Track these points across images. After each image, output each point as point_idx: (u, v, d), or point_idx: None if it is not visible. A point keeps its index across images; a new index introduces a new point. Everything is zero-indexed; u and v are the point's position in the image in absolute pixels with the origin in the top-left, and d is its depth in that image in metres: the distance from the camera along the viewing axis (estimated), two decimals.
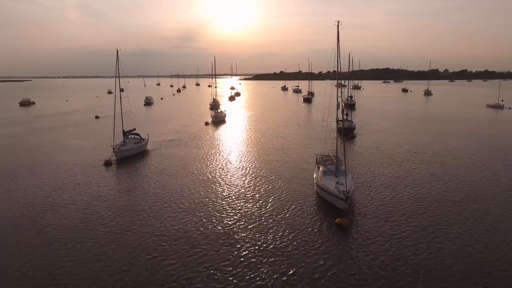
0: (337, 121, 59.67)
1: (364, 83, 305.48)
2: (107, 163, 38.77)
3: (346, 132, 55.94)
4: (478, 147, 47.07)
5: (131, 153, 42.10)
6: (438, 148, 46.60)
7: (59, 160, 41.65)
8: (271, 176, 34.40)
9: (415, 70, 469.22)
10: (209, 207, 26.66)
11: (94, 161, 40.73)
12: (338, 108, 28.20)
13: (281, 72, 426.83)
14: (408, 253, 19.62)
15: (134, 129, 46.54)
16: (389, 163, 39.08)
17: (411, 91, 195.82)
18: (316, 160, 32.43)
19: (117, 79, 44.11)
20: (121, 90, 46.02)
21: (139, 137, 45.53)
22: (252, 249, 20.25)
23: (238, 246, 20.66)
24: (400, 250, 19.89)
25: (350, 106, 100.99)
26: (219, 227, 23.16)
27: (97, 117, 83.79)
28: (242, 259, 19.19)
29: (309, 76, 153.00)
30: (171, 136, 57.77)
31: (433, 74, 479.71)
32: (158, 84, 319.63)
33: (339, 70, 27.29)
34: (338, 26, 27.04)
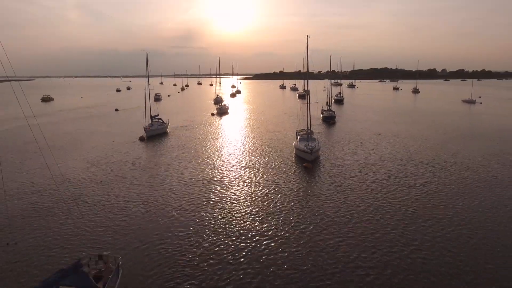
0: (322, 111, 72.06)
1: (361, 82, 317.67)
2: (141, 139, 51.27)
3: (328, 120, 68.22)
4: (433, 131, 59.23)
5: (157, 132, 54.58)
6: (399, 131, 58.70)
7: (98, 139, 53.61)
8: (264, 147, 46.63)
9: (413, 70, 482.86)
10: (216, 163, 38.80)
11: (130, 138, 52.98)
12: (308, 94, 40.30)
13: (281, 71, 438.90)
14: (349, 184, 31.69)
15: (158, 115, 58.75)
16: (355, 140, 51.22)
17: (401, 89, 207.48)
18: (296, 133, 44.75)
19: (147, 78, 56.28)
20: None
21: (162, 121, 57.83)
22: (249, 181, 32.33)
23: (239, 180, 32.76)
24: (345, 182, 31.98)
25: (338, 101, 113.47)
26: (224, 174, 35.27)
27: (117, 110, 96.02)
28: (241, 186, 31.27)
29: (304, 75, 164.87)
30: (184, 123, 69.92)
31: (430, 74, 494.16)
32: (161, 83, 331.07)
33: (308, 71, 39.48)
34: (307, 39, 39.41)
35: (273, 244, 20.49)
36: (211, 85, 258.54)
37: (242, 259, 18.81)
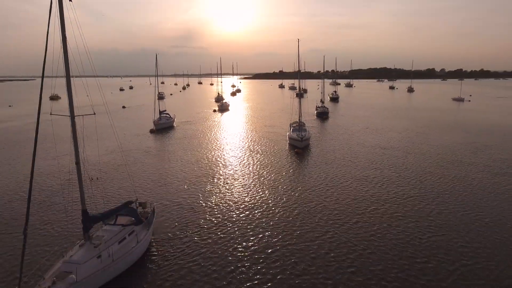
0: (316, 107, 77.49)
1: (359, 82, 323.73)
2: (152, 131, 57.02)
3: (321, 115, 73.78)
4: (416, 124, 64.82)
5: (165, 126, 60.28)
6: (385, 125, 64.27)
7: (111, 132, 59.04)
8: (261, 137, 52.26)
9: (412, 70, 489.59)
10: (219, 150, 44.37)
11: (141, 131, 58.57)
12: (299, 91, 46.04)
13: (280, 71, 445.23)
14: (333, 165, 37.21)
15: (165, 110, 64.38)
16: (343, 132, 56.81)
17: (397, 88, 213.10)
18: (290, 125, 50.46)
19: (156, 78, 61.88)
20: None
21: (169, 116, 63.46)
22: (251, 162, 37.85)
23: (239, 162, 38.29)
24: (329, 164, 37.50)
25: (334, 99, 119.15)
26: (227, 158, 40.83)
27: (124, 107, 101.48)
28: (242, 167, 36.79)
29: (301, 75, 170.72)
30: (188, 119, 75.48)
31: (429, 74, 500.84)
32: (162, 83, 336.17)
33: (300, 70, 44.96)
34: (298, 43, 45.03)
35: (270, 204, 25.99)
36: (211, 84, 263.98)
37: (242, 216, 24.32)
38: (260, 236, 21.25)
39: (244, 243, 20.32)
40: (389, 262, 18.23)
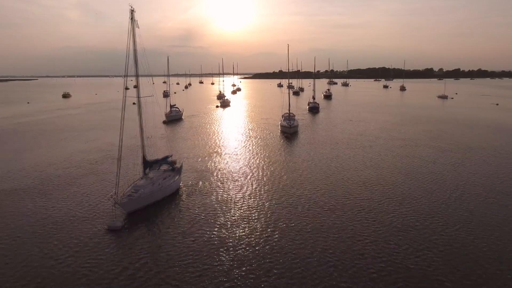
0: (308, 103, 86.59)
1: (357, 81, 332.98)
2: (164, 122, 66.28)
3: (312, 110, 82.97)
4: (393, 117, 73.93)
5: (175, 118, 69.75)
6: (368, 117, 73.39)
7: (126, 124, 68.13)
8: (258, 126, 61.45)
9: (411, 69, 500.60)
10: (222, 137, 53.49)
11: (155, 122, 67.68)
12: (289, 88, 55.12)
13: (280, 71, 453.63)
14: (316, 146, 46.32)
15: (175, 104, 73.66)
16: (329, 123, 66.03)
17: (390, 87, 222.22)
18: (281, 116, 59.70)
19: (168, 77, 71.20)
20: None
21: (178, 109, 72.73)
22: (249, 144, 47.00)
23: (239, 145, 47.43)
24: (312, 145, 46.61)
25: (327, 97, 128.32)
26: (229, 142, 49.96)
27: (134, 103, 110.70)
28: (241, 148, 45.91)
29: (299, 74, 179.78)
30: (194, 113, 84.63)
31: (427, 73, 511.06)
32: (164, 82, 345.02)
33: (289, 70, 54.06)
34: (288, 47, 54.15)
35: (264, 173, 35.11)
36: (212, 84, 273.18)
37: (242, 178, 33.45)
38: (257, 190, 30.37)
39: (244, 194, 29.47)
40: (348, 204, 27.34)
